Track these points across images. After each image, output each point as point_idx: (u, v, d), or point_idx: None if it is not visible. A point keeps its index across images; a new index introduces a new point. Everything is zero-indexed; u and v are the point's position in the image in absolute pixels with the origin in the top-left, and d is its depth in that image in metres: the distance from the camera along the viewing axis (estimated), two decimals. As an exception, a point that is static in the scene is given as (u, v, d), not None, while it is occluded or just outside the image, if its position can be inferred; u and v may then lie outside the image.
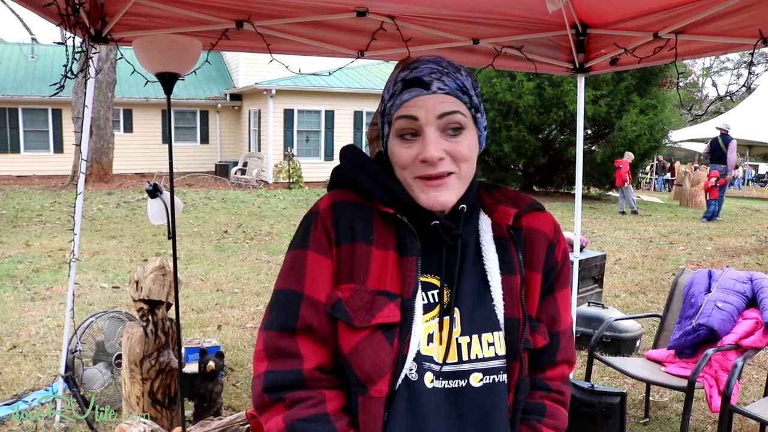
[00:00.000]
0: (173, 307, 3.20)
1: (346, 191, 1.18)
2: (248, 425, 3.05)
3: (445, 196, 1.09)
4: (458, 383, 1.09)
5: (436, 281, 1.13)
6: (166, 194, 3.07)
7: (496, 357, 1.11)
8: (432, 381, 1.07)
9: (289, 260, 1.15)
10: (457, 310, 1.11)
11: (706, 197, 14.34)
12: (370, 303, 1.08)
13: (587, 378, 3.64)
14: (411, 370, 1.07)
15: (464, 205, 1.16)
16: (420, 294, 1.11)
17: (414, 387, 1.07)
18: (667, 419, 3.87)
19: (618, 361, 3.71)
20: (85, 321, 3.85)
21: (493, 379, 1.11)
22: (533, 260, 1.19)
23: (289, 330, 1.10)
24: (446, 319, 1.10)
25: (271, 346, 1.10)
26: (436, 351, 1.09)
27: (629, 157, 15.59)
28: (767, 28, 2.91)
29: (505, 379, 1.12)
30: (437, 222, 1.12)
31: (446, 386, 1.08)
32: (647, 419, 3.85)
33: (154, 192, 3.09)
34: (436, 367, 1.08)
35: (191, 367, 3.73)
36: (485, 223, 1.20)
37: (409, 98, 1.10)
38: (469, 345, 1.10)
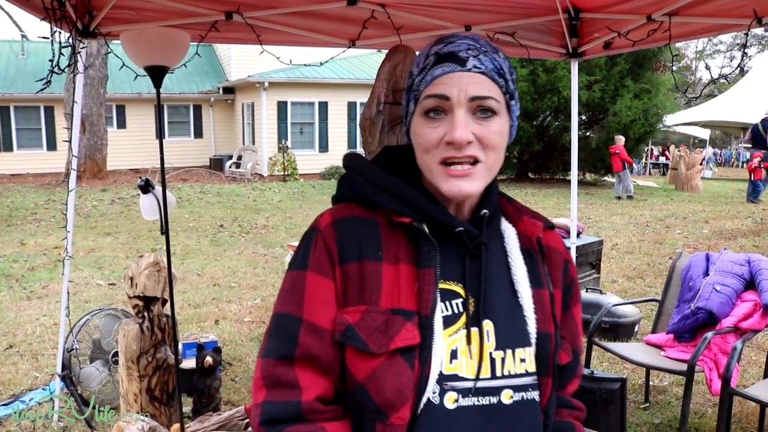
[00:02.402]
0: (169, 303, 3.18)
1: (349, 205, 1.10)
2: (247, 420, 3.03)
3: (469, 186, 1.02)
4: (489, 400, 1.02)
5: (459, 289, 1.05)
6: (159, 189, 3.04)
7: (527, 374, 1.06)
8: (455, 401, 1.00)
9: (287, 282, 1.08)
10: (489, 323, 1.05)
11: (750, 177, 15.20)
12: (385, 324, 1.00)
13: (587, 364, 3.63)
14: (434, 392, 1.00)
15: (486, 211, 1.10)
16: (439, 306, 1.03)
17: (436, 410, 1.00)
18: (668, 403, 3.87)
19: (617, 346, 3.71)
20: (80, 319, 3.82)
21: (523, 396, 1.05)
22: (553, 276, 1.15)
23: (287, 358, 1.03)
24: (474, 330, 1.04)
25: (269, 375, 1.03)
26: (464, 367, 1.02)
27: (621, 140, 15.59)
28: (761, 7, 2.88)
29: (535, 396, 1.07)
30: (461, 229, 1.05)
31: (476, 404, 1.01)
32: (647, 404, 3.85)
33: (146, 187, 3.06)
34: (468, 384, 1.01)
35: (189, 363, 3.72)
36: (510, 233, 1.14)
37: (441, 74, 1.02)
38: (503, 360, 1.04)
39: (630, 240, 9.50)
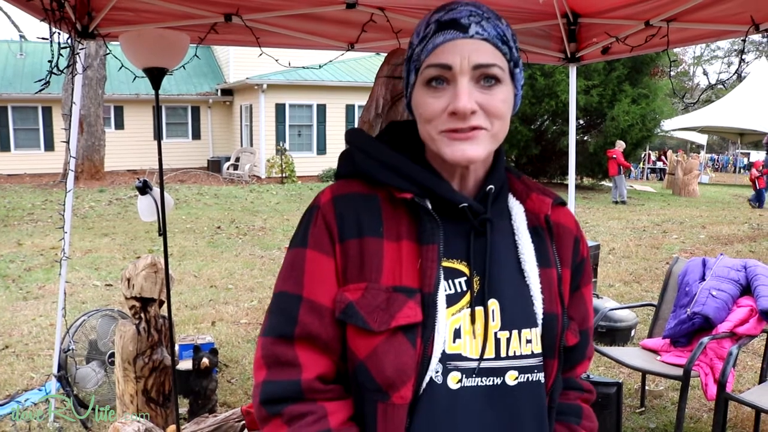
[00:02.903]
0: (166, 304, 3.18)
1: (350, 181, 1.07)
2: (243, 422, 3.03)
3: (473, 150, 0.98)
4: (493, 381, 1.00)
5: (463, 267, 1.02)
6: (156, 191, 3.04)
7: (532, 355, 1.03)
8: (459, 381, 0.99)
9: (287, 260, 1.05)
10: (495, 302, 1.02)
11: (755, 185, 15.74)
12: (387, 302, 0.98)
13: (583, 368, 3.63)
14: (436, 372, 0.98)
15: (492, 186, 1.06)
16: (443, 284, 1.00)
17: (439, 389, 0.98)
18: (663, 408, 3.88)
19: (613, 351, 3.71)
20: (77, 320, 3.82)
21: (528, 377, 1.03)
22: (562, 256, 1.11)
23: (286, 337, 1.01)
24: (479, 309, 1.01)
25: (269, 354, 1.02)
26: (468, 346, 1.00)
27: (620, 146, 15.65)
28: (758, 14, 2.90)
29: (540, 378, 1.05)
30: (465, 204, 1.02)
31: (479, 384, 1.00)
32: (643, 408, 3.86)
33: (144, 188, 3.06)
34: (472, 364, 0.99)
35: (185, 365, 3.71)
36: (518, 210, 1.10)
37: (442, 41, 0.98)
38: (509, 341, 1.02)
39: (627, 244, 9.51)
